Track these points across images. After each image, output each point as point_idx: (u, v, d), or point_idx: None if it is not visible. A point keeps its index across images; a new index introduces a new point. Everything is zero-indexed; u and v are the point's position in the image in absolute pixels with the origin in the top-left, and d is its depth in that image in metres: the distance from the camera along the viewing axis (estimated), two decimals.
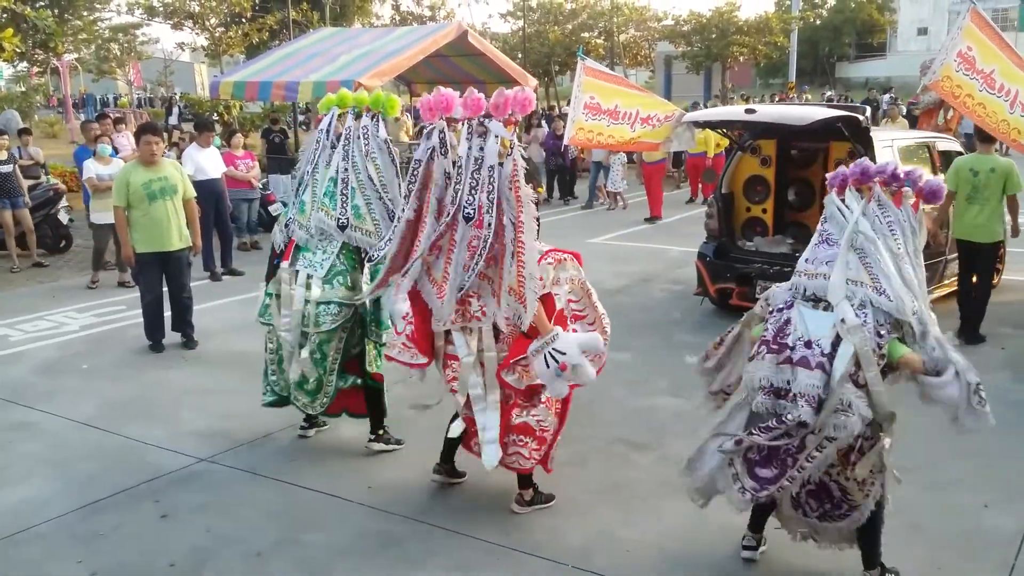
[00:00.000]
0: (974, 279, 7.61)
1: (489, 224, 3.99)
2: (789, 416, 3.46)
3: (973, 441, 5.22)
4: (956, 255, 8.31)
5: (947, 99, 7.76)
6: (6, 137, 11.09)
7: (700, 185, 16.50)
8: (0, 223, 10.87)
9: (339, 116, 5.08)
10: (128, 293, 9.26)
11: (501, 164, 4.00)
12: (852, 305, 3.51)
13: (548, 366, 4.00)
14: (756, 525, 4.04)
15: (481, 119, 4.04)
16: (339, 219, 4.90)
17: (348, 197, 4.92)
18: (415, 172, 4.15)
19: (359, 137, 4.96)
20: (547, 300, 4.14)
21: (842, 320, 3.49)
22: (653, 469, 4.93)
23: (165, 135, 16.00)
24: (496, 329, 4.20)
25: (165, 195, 7.28)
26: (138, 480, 4.91)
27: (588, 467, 4.93)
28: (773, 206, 8.55)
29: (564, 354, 3.98)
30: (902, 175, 3.67)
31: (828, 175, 3.89)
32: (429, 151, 4.13)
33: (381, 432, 5.29)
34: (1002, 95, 7.46)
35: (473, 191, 4.02)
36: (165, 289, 7.55)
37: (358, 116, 5.02)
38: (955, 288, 8.52)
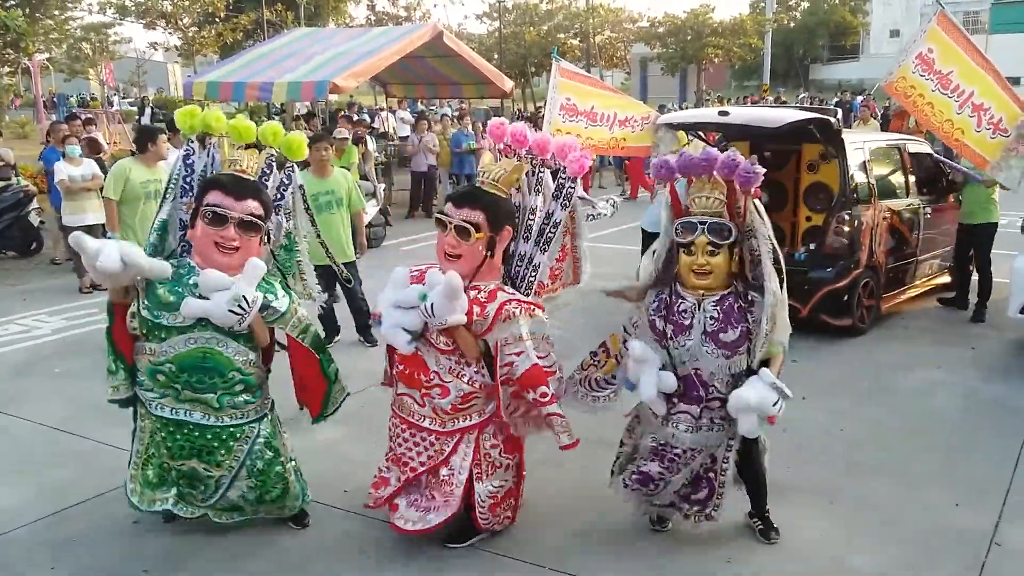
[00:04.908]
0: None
1: None
2: None
3: (943, 439, 5.31)
4: (927, 256, 8.45)
5: (899, 99, 7.75)
6: None
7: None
8: None
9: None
10: (101, 296, 9.16)
11: None
12: None
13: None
14: None
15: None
16: None
17: None
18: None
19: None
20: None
21: None
22: None
23: None
24: None
25: (158, 198, 7.23)
26: (110, 485, 4.86)
27: (564, 468, 4.93)
28: None
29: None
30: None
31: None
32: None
33: None
34: (954, 95, 7.47)
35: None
36: None
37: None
38: (926, 288, 8.66)
